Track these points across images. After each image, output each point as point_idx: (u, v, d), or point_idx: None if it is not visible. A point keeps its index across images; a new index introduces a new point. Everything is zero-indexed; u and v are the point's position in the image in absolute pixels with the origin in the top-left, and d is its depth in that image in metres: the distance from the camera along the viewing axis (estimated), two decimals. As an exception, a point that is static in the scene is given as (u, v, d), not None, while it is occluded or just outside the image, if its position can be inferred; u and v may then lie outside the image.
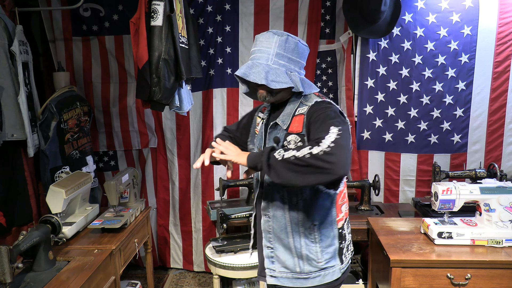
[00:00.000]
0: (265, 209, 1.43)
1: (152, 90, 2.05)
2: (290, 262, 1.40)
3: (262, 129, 1.49)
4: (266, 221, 1.43)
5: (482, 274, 1.70)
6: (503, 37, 2.55)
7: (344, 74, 2.75)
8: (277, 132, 1.39)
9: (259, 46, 1.38)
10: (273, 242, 1.43)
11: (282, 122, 1.39)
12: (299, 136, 1.33)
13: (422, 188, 2.78)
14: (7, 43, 1.94)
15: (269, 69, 1.33)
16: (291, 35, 1.37)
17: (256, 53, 1.38)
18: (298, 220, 1.38)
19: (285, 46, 1.37)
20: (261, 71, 1.32)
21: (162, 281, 3.08)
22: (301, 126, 1.34)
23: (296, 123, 1.36)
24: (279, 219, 1.40)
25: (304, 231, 1.38)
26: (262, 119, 1.51)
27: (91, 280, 1.65)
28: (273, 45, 1.35)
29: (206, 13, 2.79)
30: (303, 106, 1.38)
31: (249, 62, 1.38)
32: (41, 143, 2.25)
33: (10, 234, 2.10)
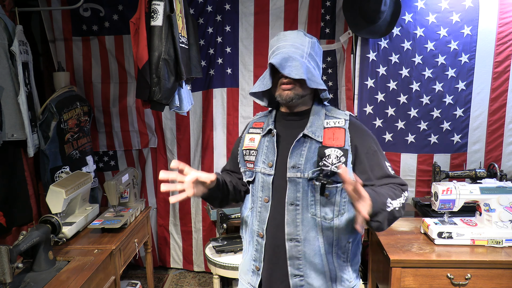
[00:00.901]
0: (292, 234, 1.24)
1: (152, 90, 2.05)
2: (324, 287, 1.26)
3: (267, 143, 1.32)
4: (295, 247, 1.24)
5: (482, 274, 1.70)
6: (503, 37, 2.54)
7: (344, 74, 2.75)
8: (305, 145, 1.25)
9: (291, 41, 1.26)
10: (303, 268, 1.24)
11: (314, 134, 1.25)
12: (342, 151, 1.22)
13: (422, 188, 2.78)
14: (7, 43, 1.94)
15: (306, 66, 1.22)
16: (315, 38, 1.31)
17: (288, 48, 1.24)
18: (333, 240, 1.25)
19: (315, 49, 1.29)
20: (299, 65, 1.19)
21: (162, 281, 3.08)
22: (343, 140, 1.24)
23: (332, 136, 1.25)
24: (311, 242, 1.23)
25: (338, 250, 1.26)
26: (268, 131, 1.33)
27: (91, 280, 1.65)
28: (306, 44, 1.27)
29: (206, 13, 2.79)
30: (332, 118, 1.28)
31: (281, 53, 1.22)
32: (41, 143, 2.25)
33: (10, 234, 2.10)
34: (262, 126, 1.38)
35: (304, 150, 1.25)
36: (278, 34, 1.31)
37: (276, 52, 1.25)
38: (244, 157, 1.38)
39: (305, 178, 1.23)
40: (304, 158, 1.24)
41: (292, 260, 1.25)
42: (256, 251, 1.31)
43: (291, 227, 1.24)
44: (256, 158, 1.32)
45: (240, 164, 1.41)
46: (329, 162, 1.21)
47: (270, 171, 1.28)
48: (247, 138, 1.39)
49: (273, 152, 1.29)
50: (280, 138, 1.31)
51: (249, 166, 1.34)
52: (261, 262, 1.30)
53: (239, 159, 1.41)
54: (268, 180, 1.28)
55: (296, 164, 1.24)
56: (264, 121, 1.38)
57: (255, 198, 1.33)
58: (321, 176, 1.21)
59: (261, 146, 1.33)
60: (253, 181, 1.34)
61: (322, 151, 1.23)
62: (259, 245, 1.30)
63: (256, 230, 1.31)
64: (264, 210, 1.29)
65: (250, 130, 1.41)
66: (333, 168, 1.21)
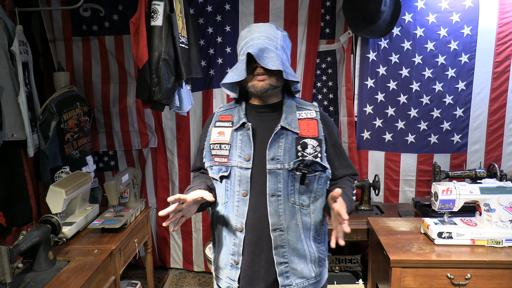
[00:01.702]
0: (276, 224, 1.28)
1: (152, 90, 2.05)
2: (306, 270, 1.32)
3: (241, 137, 1.31)
4: (279, 236, 1.28)
5: (482, 274, 1.70)
6: (503, 37, 2.55)
7: (344, 74, 2.75)
8: (282, 137, 1.28)
9: (264, 32, 1.27)
10: (287, 255, 1.30)
11: (291, 126, 1.29)
12: (317, 141, 1.28)
13: (422, 188, 2.78)
14: (7, 43, 1.94)
15: (281, 58, 1.23)
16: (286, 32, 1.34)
17: (262, 39, 1.25)
18: (310, 224, 1.32)
19: (287, 43, 1.32)
20: (275, 57, 1.20)
21: (162, 281, 3.08)
22: (317, 131, 1.30)
23: (307, 127, 1.30)
24: (293, 229, 1.29)
25: (314, 233, 1.34)
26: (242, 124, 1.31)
27: (91, 280, 1.65)
28: (279, 37, 1.29)
29: (206, 13, 2.79)
30: (304, 110, 1.33)
31: (257, 44, 1.23)
32: (41, 143, 2.25)
33: (10, 234, 2.10)
34: (230, 119, 1.36)
35: (282, 141, 1.28)
36: (250, 26, 1.31)
37: (251, 43, 1.25)
38: (211, 151, 1.35)
39: (285, 169, 1.26)
40: (283, 149, 1.27)
41: (277, 249, 1.29)
42: (235, 245, 1.32)
43: (274, 217, 1.27)
44: (230, 152, 1.31)
45: (205, 159, 1.38)
46: (307, 152, 1.26)
47: (248, 165, 1.27)
48: (215, 131, 1.36)
49: (249, 145, 1.29)
50: (255, 131, 1.31)
51: (221, 160, 1.32)
52: (240, 255, 1.31)
53: (204, 154, 1.39)
54: (246, 173, 1.28)
55: (276, 156, 1.27)
56: (232, 114, 1.37)
57: (231, 193, 1.31)
58: (302, 166, 1.26)
59: (234, 140, 1.31)
60: (228, 176, 1.32)
61: (300, 142, 1.27)
62: (237, 239, 1.31)
63: (233, 225, 1.31)
64: (243, 204, 1.29)
65: (216, 123, 1.38)
66: (311, 158, 1.26)
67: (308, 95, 2.88)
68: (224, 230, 1.35)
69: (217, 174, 1.34)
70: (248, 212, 1.28)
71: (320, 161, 1.27)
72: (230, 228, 1.32)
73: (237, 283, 1.33)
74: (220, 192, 1.36)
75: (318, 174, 1.29)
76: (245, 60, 1.22)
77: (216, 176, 1.35)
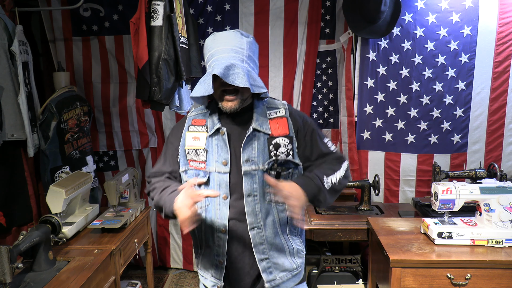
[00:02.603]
0: (254, 222, 1.31)
1: (152, 90, 2.05)
2: (287, 262, 1.38)
3: (216, 142, 1.32)
4: (257, 234, 1.32)
5: (482, 274, 1.70)
6: (503, 37, 2.55)
7: (344, 74, 2.75)
8: (254, 139, 1.31)
9: (230, 44, 1.27)
10: (267, 251, 1.34)
11: (262, 127, 1.32)
12: (288, 138, 1.32)
13: (422, 188, 2.78)
14: (7, 43, 1.94)
15: (247, 72, 1.24)
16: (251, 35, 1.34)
17: (228, 52, 1.26)
18: (286, 220, 1.36)
19: (253, 48, 1.32)
20: (241, 73, 1.21)
21: (162, 281, 3.08)
22: (287, 129, 1.33)
23: (277, 126, 1.33)
24: (270, 226, 1.33)
25: (291, 227, 1.38)
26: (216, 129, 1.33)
27: (91, 280, 1.65)
28: (245, 45, 1.29)
29: (206, 13, 2.79)
30: (273, 109, 1.36)
31: (222, 60, 1.23)
32: (41, 143, 2.25)
33: (10, 234, 2.10)
34: (204, 123, 1.37)
35: (255, 143, 1.31)
36: (214, 35, 1.31)
37: (216, 57, 1.27)
38: (186, 155, 1.36)
39: (260, 169, 1.30)
40: (256, 151, 1.31)
41: (257, 247, 1.33)
42: (219, 246, 1.35)
43: (251, 216, 1.31)
44: (207, 158, 1.33)
45: (180, 164, 1.38)
46: (279, 151, 1.31)
47: (226, 169, 1.30)
48: (189, 136, 1.37)
49: (225, 150, 1.31)
50: (229, 136, 1.33)
51: (198, 166, 1.34)
52: (224, 255, 1.35)
53: (179, 159, 1.39)
54: (225, 178, 1.31)
55: (250, 158, 1.30)
56: (205, 119, 1.38)
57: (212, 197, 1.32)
58: (275, 165, 1.30)
59: (210, 146, 1.33)
60: (207, 182, 1.33)
61: (272, 142, 1.31)
62: (221, 241, 1.34)
63: (216, 227, 1.34)
64: (224, 207, 1.32)
65: (190, 128, 1.39)
66: (284, 156, 1.30)
67: (308, 95, 2.88)
68: (207, 232, 1.37)
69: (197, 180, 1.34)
70: (230, 214, 1.32)
71: (292, 158, 1.32)
72: (213, 230, 1.35)
73: (222, 282, 1.38)
74: None
75: (291, 171, 1.34)
76: (211, 78, 1.23)
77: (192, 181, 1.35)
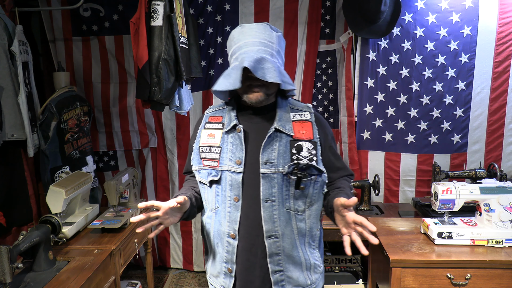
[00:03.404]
0: (271, 230, 1.22)
1: (152, 90, 2.05)
2: (302, 277, 1.28)
3: (232, 139, 1.25)
4: (274, 243, 1.23)
5: (482, 274, 1.70)
6: (503, 37, 2.55)
7: (344, 74, 2.75)
8: (276, 139, 1.23)
9: (258, 37, 1.19)
10: (283, 263, 1.24)
11: (285, 128, 1.24)
12: (312, 143, 1.24)
13: (422, 188, 2.78)
14: (7, 43, 1.94)
15: (278, 67, 1.16)
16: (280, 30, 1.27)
17: (256, 46, 1.18)
18: (305, 231, 1.26)
19: (281, 44, 1.26)
20: (272, 68, 1.13)
21: (162, 281, 3.08)
22: (311, 133, 1.25)
23: (301, 129, 1.25)
24: (289, 236, 1.24)
25: (309, 239, 1.29)
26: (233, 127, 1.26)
27: (91, 280, 1.65)
28: (274, 40, 1.22)
29: (206, 13, 2.79)
30: (298, 112, 1.29)
31: (252, 53, 1.16)
32: (41, 143, 2.25)
33: (10, 234, 2.10)
34: (220, 120, 1.30)
35: (276, 144, 1.22)
36: (242, 26, 1.23)
37: (245, 49, 1.18)
38: (200, 154, 1.29)
39: (279, 173, 1.21)
40: (277, 152, 1.22)
41: (272, 257, 1.24)
42: (228, 253, 1.26)
43: (268, 224, 1.22)
44: (221, 156, 1.25)
45: (193, 162, 1.33)
46: (302, 155, 1.22)
47: (239, 169, 1.22)
48: (205, 134, 1.31)
49: (240, 149, 1.23)
50: (247, 134, 1.25)
51: (211, 164, 1.26)
52: (234, 263, 1.26)
53: (193, 157, 1.33)
54: (238, 178, 1.22)
55: (269, 160, 1.21)
56: (222, 115, 1.31)
57: (222, 198, 1.25)
58: (297, 169, 1.21)
59: (224, 143, 1.26)
60: (219, 181, 1.26)
61: (294, 145, 1.22)
62: (230, 246, 1.26)
63: (226, 232, 1.25)
64: (235, 210, 1.23)
65: (206, 125, 1.33)
66: (306, 161, 1.21)
67: (308, 95, 2.88)
68: (216, 237, 1.29)
69: (206, 178, 1.28)
70: (241, 219, 1.23)
71: (315, 164, 1.23)
72: (222, 235, 1.27)
73: None
74: (210, 198, 1.30)
75: (314, 178, 1.24)
76: (240, 70, 1.14)
77: (204, 180, 1.29)
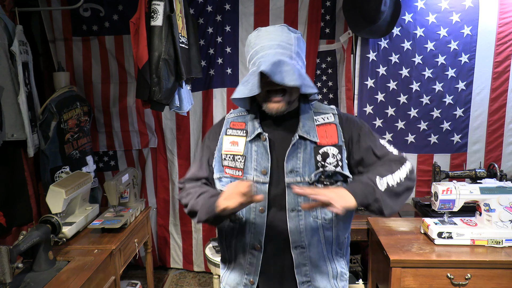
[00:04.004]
0: (297, 241, 1.18)
1: (152, 90, 2.05)
2: (329, 287, 1.24)
3: (256, 148, 1.20)
4: (301, 254, 1.19)
5: (482, 274, 1.70)
6: (503, 37, 2.54)
7: (344, 74, 2.75)
8: (300, 147, 1.18)
9: (276, 40, 1.14)
10: (310, 274, 1.20)
11: (309, 135, 1.19)
12: (337, 148, 1.18)
13: (422, 188, 2.78)
14: (7, 43, 1.94)
15: (297, 69, 1.11)
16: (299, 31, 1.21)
17: (275, 48, 1.13)
18: (333, 239, 1.22)
19: (301, 45, 1.19)
20: (291, 70, 1.07)
21: (162, 281, 3.08)
22: (336, 137, 1.20)
23: (325, 134, 1.20)
24: (316, 245, 1.19)
25: (336, 248, 1.24)
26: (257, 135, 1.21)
27: (91, 280, 1.65)
28: (293, 41, 1.16)
29: (206, 13, 2.79)
30: (321, 115, 1.23)
31: (269, 56, 1.11)
32: (41, 143, 2.25)
33: (10, 234, 2.10)
34: (243, 127, 1.25)
35: (300, 152, 1.18)
36: (259, 30, 1.19)
37: (262, 53, 1.14)
38: (223, 161, 1.24)
39: (305, 181, 1.17)
40: (302, 160, 1.18)
41: (299, 268, 1.20)
42: (251, 264, 1.22)
43: (295, 234, 1.18)
44: (245, 165, 1.20)
45: (215, 170, 1.26)
46: (327, 161, 1.17)
47: (265, 179, 1.18)
48: (227, 140, 1.25)
49: (266, 158, 1.18)
50: (271, 142, 1.20)
51: (235, 173, 1.21)
52: (257, 275, 1.22)
53: (214, 163, 1.27)
54: (263, 188, 1.18)
55: (294, 168, 1.17)
56: (245, 122, 1.26)
57: (246, 209, 1.20)
58: (323, 177, 1.17)
59: (248, 152, 1.20)
60: None
61: (319, 152, 1.18)
62: (254, 258, 1.22)
63: (250, 243, 1.21)
64: (260, 221, 1.19)
65: (228, 131, 1.27)
66: (332, 168, 1.17)
67: (308, 95, 2.87)
68: (238, 248, 1.24)
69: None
70: (267, 230, 1.19)
71: (341, 170, 1.18)
72: (246, 246, 1.22)
73: None
74: None
75: (340, 185, 1.19)
76: (257, 76, 1.10)
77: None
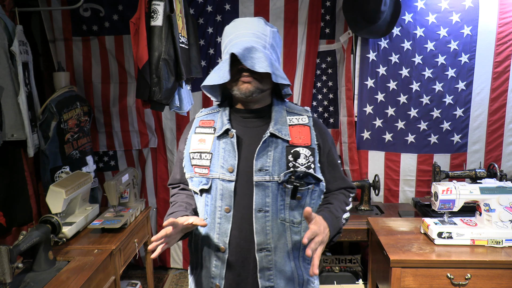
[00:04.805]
0: (263, 243, 1.13)
1: (152, 90, 2.05)
2: None
3: (224, 145, 1.16)
4: (265, 257, 1.14)
5: (482, 274, 1.70)
6: (503, 37, 2.55)
7: (344, 74, 2.75)
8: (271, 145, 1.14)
9: (251, 29, 1.11)
10: (274, 279, 1.15)
11: (281, 133, 1.15)
12: (310, 150, 1.15)
13: (422, 188, 2.78)
14: (7, 43, 1.94)
15: (270, 58, 1.08)
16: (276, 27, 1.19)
17: (249, 36, 1.10)
18: (300, 244, 1.17)
19: (276, 40, 1.17)
20: (263, 57, 1.05)
21: (162, 281, 3.08)
22: (309, 139, 1.16)
23: (298, 134, 1.16)
24: (281, 249, 1.14)
25: (304, 253, 1.18)
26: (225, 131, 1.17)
27: (91, 280, 1.65)
28: (268, 33, 1.13)
29: (206, 13, 2.79)
30: (295, 115, 1.20)
31: (242, 42, 1.07)
32: (41, 143, 2.25)
33: (10, 234, 2.10)
34: (212, 125, 1.21)
35: (271, 150, 1.14)
36: (235, 21, 1.16)
37: (236, 40, 1.10)
38: (191, 161, 1.20)
39: (274, 181, 1.12)
40: (272, 159, 1.13)
41: (263, 272, 1.14)
42: (216, 267, 1.17)
43: (260, 236, 1.13)
44: (212, 163, 1.16)
45: (185, 169, 1.23)
46: (299, 162, 1.13)
47: (231, 177, 1.13)
48: (195, 139, 1.22)
49: (233, 155, 1.14)
50: (240, 139, 1.16)
51: (202, 171, 1.17)
52: (222, 279, 1.16)
53: (184, 163, 1.24)
54: (229, 187, 1.13)
55: (264, 167, 1.12)
56: (214, 119, 1.22)
57: (211, 208, 1.16)
58: (293, 178, 1.12)
59: (216, 149, 1.17)
60: (209, 189, 1.17)
61: (291, 151, 1.14)
62: (219, 261, 1.16)
63: (215, 244, 1.16)
64: (225, 221, 1.14)
65: (197, 129, 1.23)
66: (304, 169, 1.13)
67: (308, 95, 2.88)
68: (204, 250, 1.20)
69: (197, 186, 1.20)
70: (232, 231, 1.14)
71: (313, 172, 1.14)
72: (211, 248, 1.17)
73: None
74: (200, 207, 1.22)
75: (311, 188, 1.16)
76: (228, 60, 1.07)
77: (196, 189, 1.21)
